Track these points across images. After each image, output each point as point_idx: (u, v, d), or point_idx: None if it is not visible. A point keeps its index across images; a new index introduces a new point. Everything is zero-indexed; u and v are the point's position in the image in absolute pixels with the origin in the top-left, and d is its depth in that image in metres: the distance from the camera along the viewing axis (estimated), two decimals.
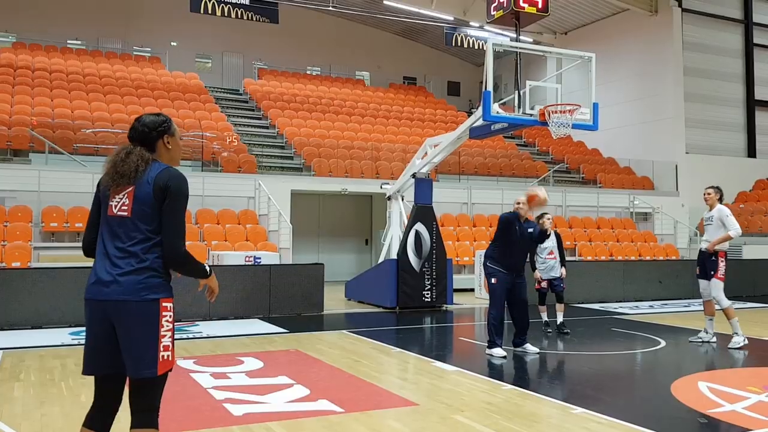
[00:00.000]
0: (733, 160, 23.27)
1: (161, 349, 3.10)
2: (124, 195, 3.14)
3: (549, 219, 9.76)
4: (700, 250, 8.88)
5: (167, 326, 3.14)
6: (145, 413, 3.17)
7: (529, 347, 8.12)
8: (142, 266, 3.09)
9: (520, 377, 6.91)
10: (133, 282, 3.06)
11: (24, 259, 12.18)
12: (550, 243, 9.61)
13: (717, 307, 8.74)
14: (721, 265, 8.60)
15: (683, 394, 6.04)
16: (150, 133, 3.26)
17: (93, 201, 3.35)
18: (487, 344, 7.99)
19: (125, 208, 3.13)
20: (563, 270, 9.71)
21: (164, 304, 3.13)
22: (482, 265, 8.42)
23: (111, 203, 3.18)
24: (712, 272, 8.61)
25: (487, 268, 8.04)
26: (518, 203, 8.00)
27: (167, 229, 3.14)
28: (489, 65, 10.02)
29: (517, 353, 8.01)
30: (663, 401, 5.94)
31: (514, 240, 7.88)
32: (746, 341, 8.67)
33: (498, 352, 7.82)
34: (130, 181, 3.13)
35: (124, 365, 3.12)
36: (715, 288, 8.61)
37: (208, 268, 3.35)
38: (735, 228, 8.49)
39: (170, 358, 3.16)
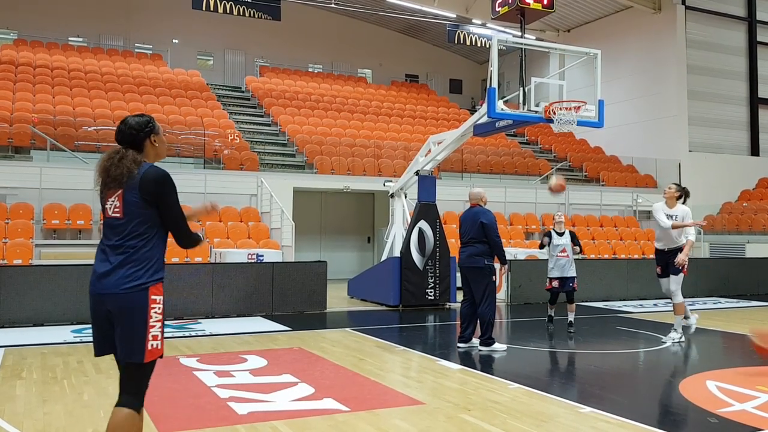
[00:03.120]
0: (736, 158, 23.18)
1: (150, 338, 3.34)
2: (115, 198, 3.40)
3: (560, 215, 9.69)
4: (660, 251, 8.80)
5: (156, 317, 3.37)
6: (131, 395, 3.39)
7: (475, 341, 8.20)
8: (133, 259, 3.34)
9: (526, 376, 6.84)
10: (124, 275, 3.32)
11: (25, 257, 12.12)
12: (564, 240, 9.50)
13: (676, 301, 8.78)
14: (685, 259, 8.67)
15: (692, 393, 5.98)
16: (138, 135, 3.49)
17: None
18: (486, 342, 7.95)
19: (117, 210, 3.40)
20: (577, 248, 9.49)
21: (153, 296, 3.36)
22: (477, 265, 7.94)
23: (106, 206, 3.46)
24: (681, 267, 8.60)
25: (489, 267, 7.94)
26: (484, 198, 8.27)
27: (173, 224, 3.47)
28: (494, 62, 9.94)
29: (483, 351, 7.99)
30: (672, 400, 5.89)
31: None
32: (683, 339, 8.72)
33: (502, 346, 8.01)
34: (121, 185, 3.37)
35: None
36: (675, 282, 8.63)
37: (202, 236, 3.72)
38: (693, 234, 8.66)
39: (159, 347, 3.39)
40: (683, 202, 8.78)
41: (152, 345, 3.33)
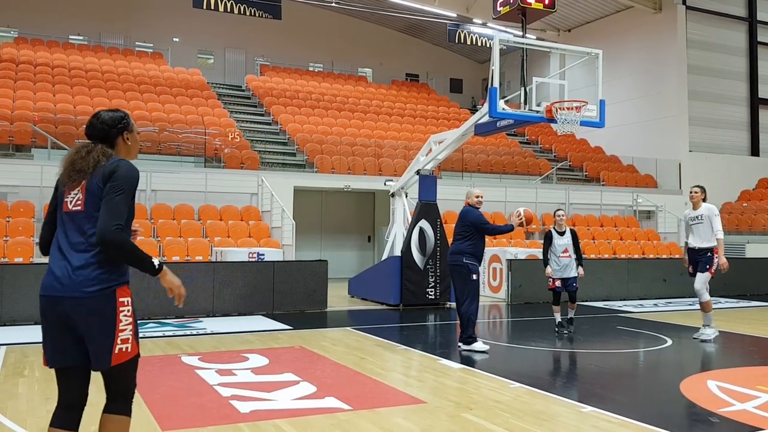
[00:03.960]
0: (736, 158, 23.20)
1: (118, 342, 3.11)
2: (78, 190, 3.15)
3: (562, 215, 9.66)
4: (692, 249, 8.99)
5: (126, 320, 3.13)
6: (118, 400, 3.24)
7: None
8: (95, 260, 3.07)
9: (528, 375, 6.85)
10: (87, 277, 3.05)
11: (26, 255, 12.12)
12: (566, 240, 9.44)
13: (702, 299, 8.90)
14: (715, 260, 8.82)
15: (693, 392, 5.99)
16: (110, 131, 3.29)
17: (50, 200, 3.35)
18: (466, 340, 7.93)
19: (79, 202, 3.14)
20: (581, 270, 9.53)
21: (121, 299, 3.12)
22: (456, 262, 8.01)
23: (66, 199, 3.19)
24: (708, 266, 8.80)
25: (467, 265, 7.94)
26: (479, 197, 8.49)
27: (102, 209, 3.06)
28: (495, 61, 9.95)
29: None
30: (673, 400, 5.89)
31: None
32: (717, 333, 8.87)
33: (482, 346, 7.92)
34: (85, 176, 3.13)
35: (85, 357, 3.16)
36: (700, 280, 8.81)
37: (156, 263, 3.15)
38: (720, 230, 8.79)
39: (129, 350, 3.15)
40: (704, 201, 9.02)
41: (119, 349, 3.10)
